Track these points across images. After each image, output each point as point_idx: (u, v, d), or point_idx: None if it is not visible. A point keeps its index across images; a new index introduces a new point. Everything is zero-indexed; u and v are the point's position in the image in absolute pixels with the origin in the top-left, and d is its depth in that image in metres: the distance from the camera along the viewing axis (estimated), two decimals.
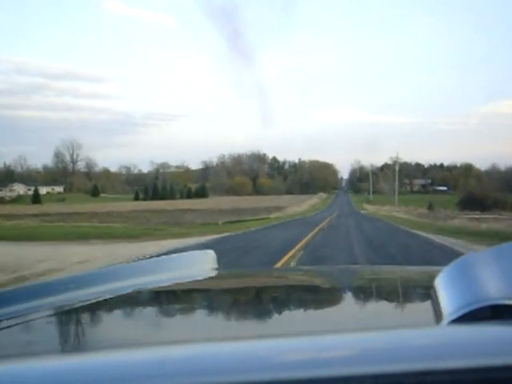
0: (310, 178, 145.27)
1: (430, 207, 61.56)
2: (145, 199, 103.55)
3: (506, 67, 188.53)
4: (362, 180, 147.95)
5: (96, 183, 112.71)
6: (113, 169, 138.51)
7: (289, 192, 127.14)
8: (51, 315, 1.00)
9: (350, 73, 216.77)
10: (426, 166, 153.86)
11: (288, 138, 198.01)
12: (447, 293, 0.65)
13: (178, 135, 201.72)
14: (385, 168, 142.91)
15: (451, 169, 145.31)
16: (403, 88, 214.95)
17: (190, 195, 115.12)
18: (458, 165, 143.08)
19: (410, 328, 0.69)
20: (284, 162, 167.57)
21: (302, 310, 1.08)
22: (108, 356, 0.57)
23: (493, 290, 0.59)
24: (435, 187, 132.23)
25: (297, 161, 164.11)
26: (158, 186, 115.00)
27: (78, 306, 1.01)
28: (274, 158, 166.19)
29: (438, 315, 0.65)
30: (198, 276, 1.31)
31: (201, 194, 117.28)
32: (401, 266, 4.82)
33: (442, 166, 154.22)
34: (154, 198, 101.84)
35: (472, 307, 0.57)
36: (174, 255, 1.37)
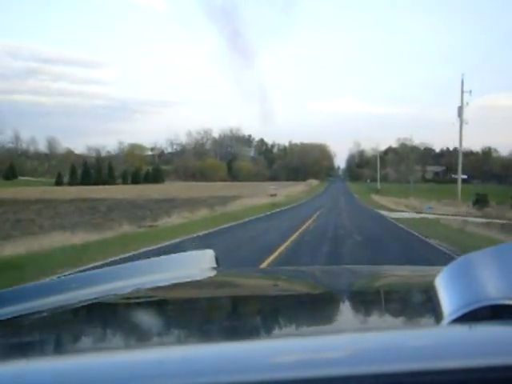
0: (301, 162, 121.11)
1: (482, 202, 36.50)
2: (71, 184, 79.61)
3: (506, 61, 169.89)
4: (362, 166, 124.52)
5: (12, 163, 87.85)
6: (78, 151, 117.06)
7: (274, 178, 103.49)
8: (51, 315, 0.98)
9: (349, 64, 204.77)
10: (437, 150, 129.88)
11: (281, 126, 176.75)
12: (447, 293, 0.65)
13: (168, 121, 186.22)
14: (390, 152, 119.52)
15: (467, 154, 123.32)
16: (402, 79, 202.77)
17: (137, 180, 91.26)
18: (474, 150, 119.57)
19: (410, 328, 0.68)
20: (273, 145, 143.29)
21: (301, 311, 1.06)
22: (108, 356, 0.57)
23: (493, 290, 0.59)
24: (453, 175, 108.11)
25: (287, 144, 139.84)
26: (89, 170, 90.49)
27: (78, 305, 1.00)
28: (261, 141, 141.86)
29: (438, 315, 0.64)
30: (197, 276, 1.29)
31: (153, 178, 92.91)
32: (401, 265, 4.08)
33: (455, 150, 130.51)
34: (85, 183, 78.80)
35: (472, 307, 0.57)
36: (173, 255, 1.37)
